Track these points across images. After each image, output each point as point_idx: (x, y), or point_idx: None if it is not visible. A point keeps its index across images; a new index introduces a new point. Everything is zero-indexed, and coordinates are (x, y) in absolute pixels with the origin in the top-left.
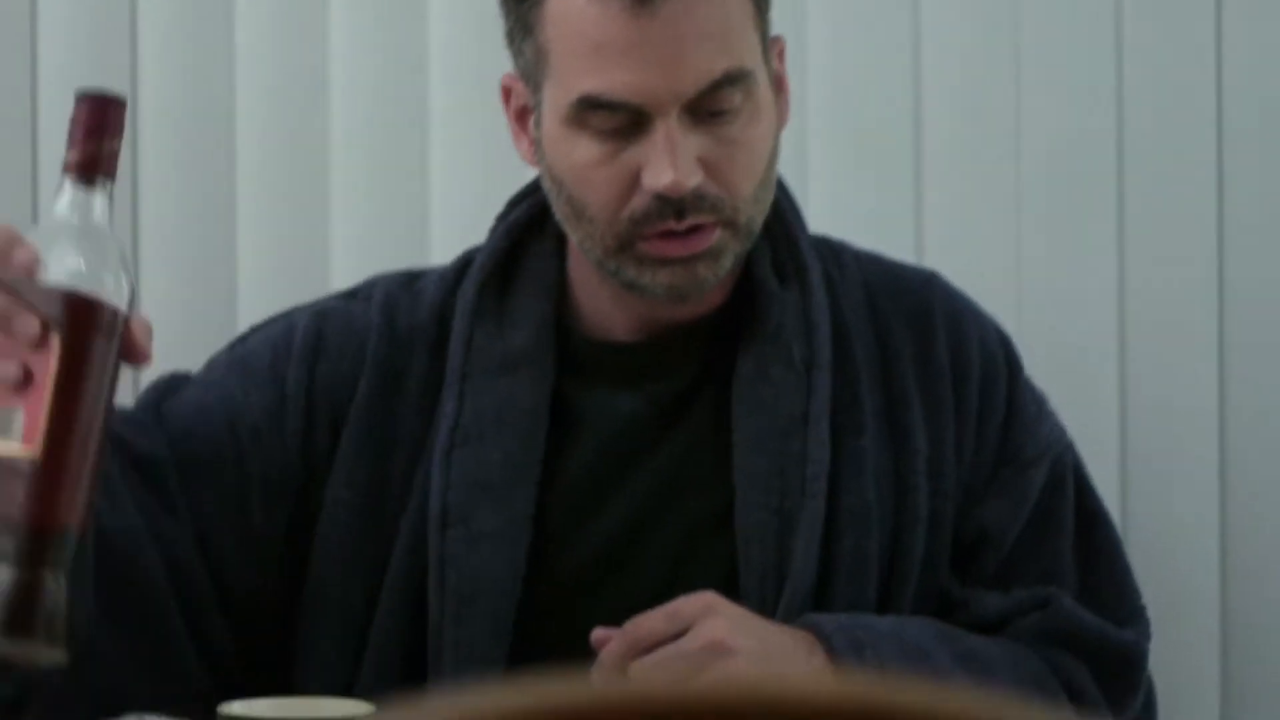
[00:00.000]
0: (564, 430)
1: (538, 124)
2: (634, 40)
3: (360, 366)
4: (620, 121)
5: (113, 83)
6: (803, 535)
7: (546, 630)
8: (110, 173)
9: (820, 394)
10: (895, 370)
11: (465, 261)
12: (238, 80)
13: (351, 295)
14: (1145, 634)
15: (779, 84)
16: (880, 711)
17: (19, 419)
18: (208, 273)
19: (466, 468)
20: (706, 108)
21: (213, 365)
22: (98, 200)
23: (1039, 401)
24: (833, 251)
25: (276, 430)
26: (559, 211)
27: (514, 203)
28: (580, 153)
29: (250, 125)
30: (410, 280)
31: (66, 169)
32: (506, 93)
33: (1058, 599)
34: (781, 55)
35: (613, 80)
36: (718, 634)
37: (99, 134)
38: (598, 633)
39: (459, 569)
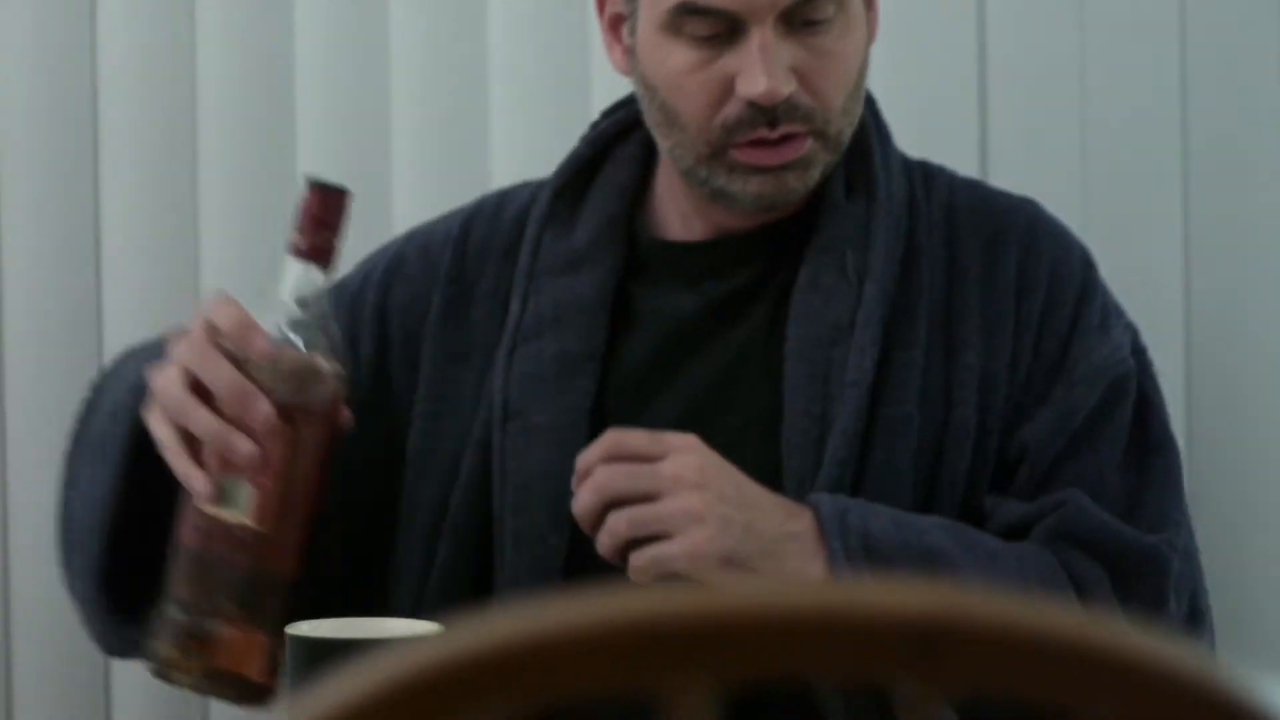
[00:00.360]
0: (624, 327)
1: (631, 31)
2: None
3: (433, 282)
4: (716, 28)
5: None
6: (834, 441)
7: (581, 532)
8: (332, 262)
9: (870, 304)
10: (958, 287)
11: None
12: (199, 75)
13: (447, 217)
14: (1173, 546)
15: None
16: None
17: (245, 492)
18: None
19: (526, 364)
20: (801, 17)
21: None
22: (319, 284)
23: (1107, 324)
24: (926, 174)
25: (351, 354)
26: (650, 119)
27: (607, 113)
28: (675, 59)
29: (212, 120)
30: (511, 189)
31: (292, 251)
32: (600, 3)
33: (1076, 499)
34: None
35: None
36: (694, 502)
37: (326, 225)
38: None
39: (519, 460)
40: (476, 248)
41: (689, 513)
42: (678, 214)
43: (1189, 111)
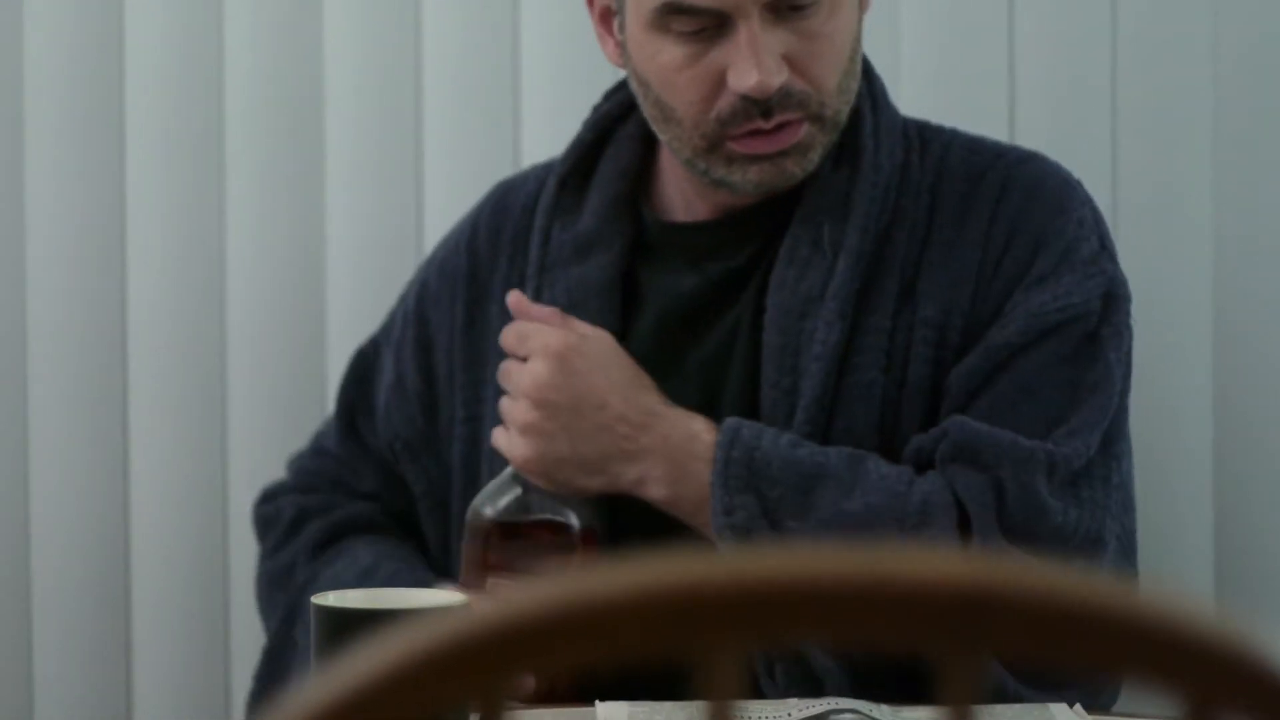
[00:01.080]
0: (633, 308)
1: (621, 27)
2: None
3: (454, 295)
4: (703, 24)
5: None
6: (799, 412)
7: (619, 500)
8: None
9: (840, 276)
10: (930, 247)
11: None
12: (226, 88)
13: (465, 216)
14: (1076, 454)
15: None
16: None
17: None
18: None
19: None
20: (788, 3)
21: (380, 333)
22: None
23: (1060, 271)
24: (924, 139)
25: (400, 395)
26: (646, 112)
27: (608, 95)
28: (665, 56)
29: (241, 127)
30: (514, 178)
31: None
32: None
33: (956, 421)
34: None
35: None
36: (523, 415)
37: None
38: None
39: None
40: (486, 244)
41: (516, 422)
42: (680, 195)
43: (1220, 97)
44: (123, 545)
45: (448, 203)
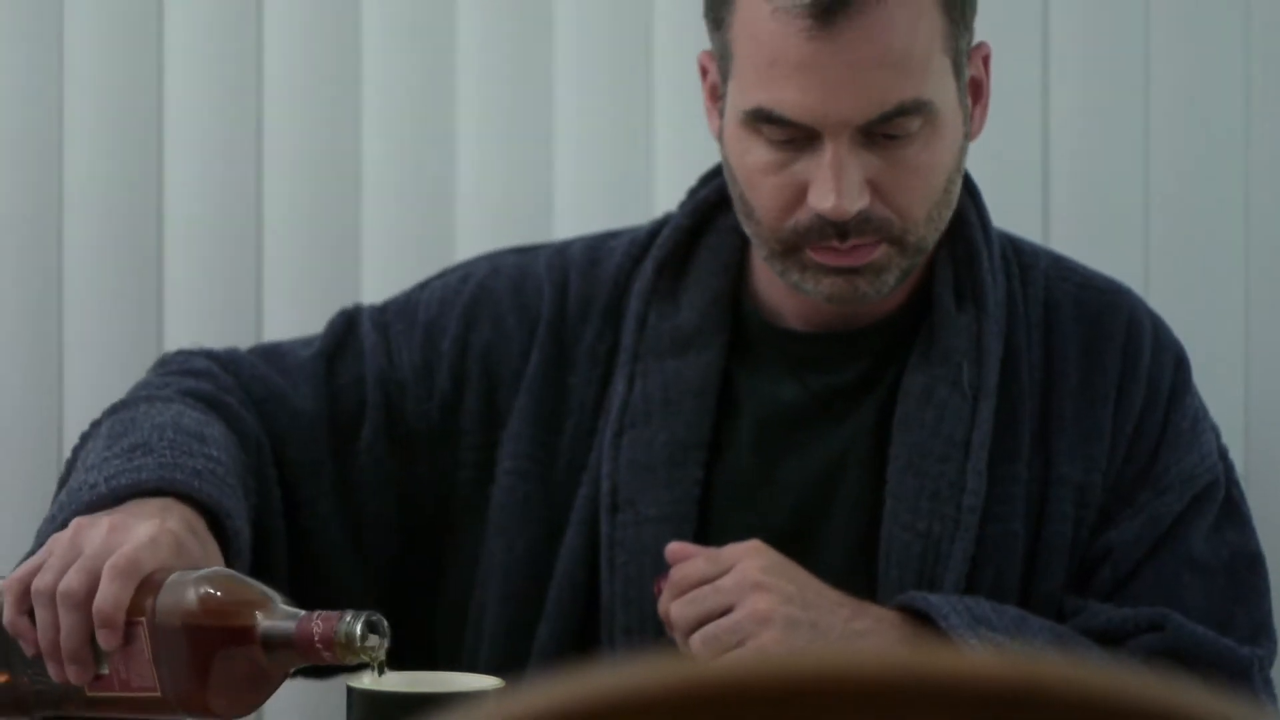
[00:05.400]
0: (728, 412)
1: (722, 112)
2: (809, 61)
3: (530, 335)
4: (792, 134)
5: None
6: (953, 569)
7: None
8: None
9: (984, 423)
10: (1056, 396)
11: (659, 226)
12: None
13: (524, 251)
14: (1270, 654)
15: (976, 91)
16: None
17: (104, 669)
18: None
19: (634, 451)
20: (880, 131)
21: (392, 304)
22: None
23: (1196, 429)
24: (1021, 265)
25: (423, 388)
26: (734, 200)
27: (706, 179)
28: (753, 156)
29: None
30: (601, 242)
31: (305, 642)
32: (703, 69)
33: (1173, 619)
34: (986, 62)
35: (784, 98)
36: (760, 605)
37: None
38: (672, 547)
39: (628, 551)
40: (576, 305)
41: (755, 615)
42: (776, 293)
43: (1251, 168)
44: None
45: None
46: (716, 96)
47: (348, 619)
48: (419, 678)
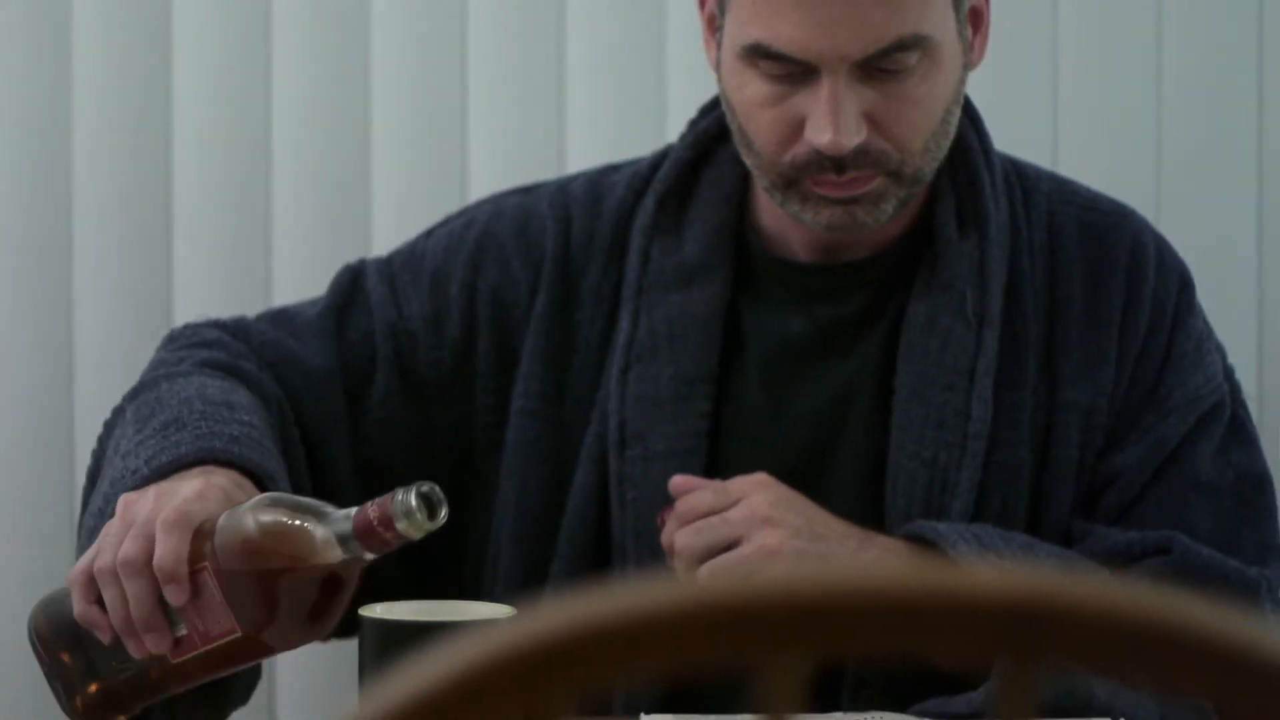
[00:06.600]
0: (734, 345)
1: (720, 43)
2: None
3: (536, 275)
4: (789, 69)
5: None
6: (961, 497)
7: None
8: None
9: (989, 351)
10: (1061, 321)
11: (661, 159)
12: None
13: (527, 190)
14: (1271, 580)
15: (976, 20)
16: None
17: (180, 631)
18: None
19: (641, 386)
20: (877, 65)
21: (397, 255)
22: (358, 554)
23: (1200, 350)
24: (1025, 188)
25: (434, 337)
26: (733, 132)
27: (706, 110)
28: (750, 90)
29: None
30: (603, 176)
31: (359, 530)
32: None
33: (1180, 541)
34: None
35: (781, 33)
36: (769, 539)
37: (397, 543)
38: (676, 480)
39: (638, 487)
40: (580, 242)
41: (765, 550)
42: (779, 224)
43: (1265, 95)
44: None
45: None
46: (714, 27)
47: (399, 495)
48: (429, 607)
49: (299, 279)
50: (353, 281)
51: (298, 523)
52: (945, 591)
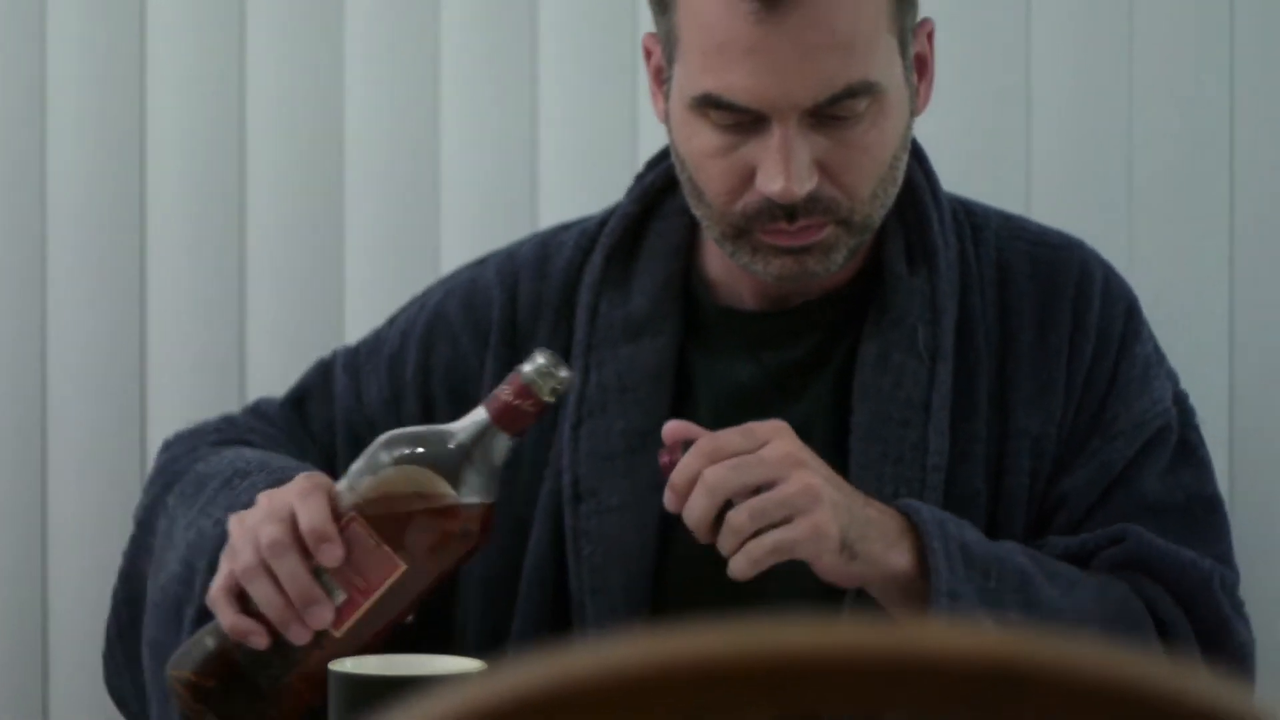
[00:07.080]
0: (685, 396)
1: (668, 95)
2: (757, 45)
3: (484, 346)
4: (739, 118)
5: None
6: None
7: (684, 598)
8: (522, 436)
9: (943, 384)
10: (1014, 353)
11: (609, 216)
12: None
13: (481, 262)
14: (1224, 575)
15: (921, 67)
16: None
17: (339, 597)
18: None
19: (593, 442)
20: (827, 113)
21: (363, 345)
22: (504, 446)
23: (1147, 375)
24: (973, 225)
25: (393, 418)
26: (682, 184)
27: (651, 164)
28: (700, 140)
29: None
30: (553, 236)
31: (496, 415)
32: (647, 52)
33: (1133, 530)
34: (930, 37)
35: (732, 83)
36: (810, 479)
37: (538, 415)
38: (672, 424)
39: (593, 542)
40: (527, 307)
41: (807, 490)
42: (727, 275)
43: (1236, 138)
44: None
45: (463, 218)
46: (661, 79)
47: (524, 368)
48: (399, 661)
49: (273, 281)
50: (323, 373)
51: (429, 440)
52: (914, 652)
